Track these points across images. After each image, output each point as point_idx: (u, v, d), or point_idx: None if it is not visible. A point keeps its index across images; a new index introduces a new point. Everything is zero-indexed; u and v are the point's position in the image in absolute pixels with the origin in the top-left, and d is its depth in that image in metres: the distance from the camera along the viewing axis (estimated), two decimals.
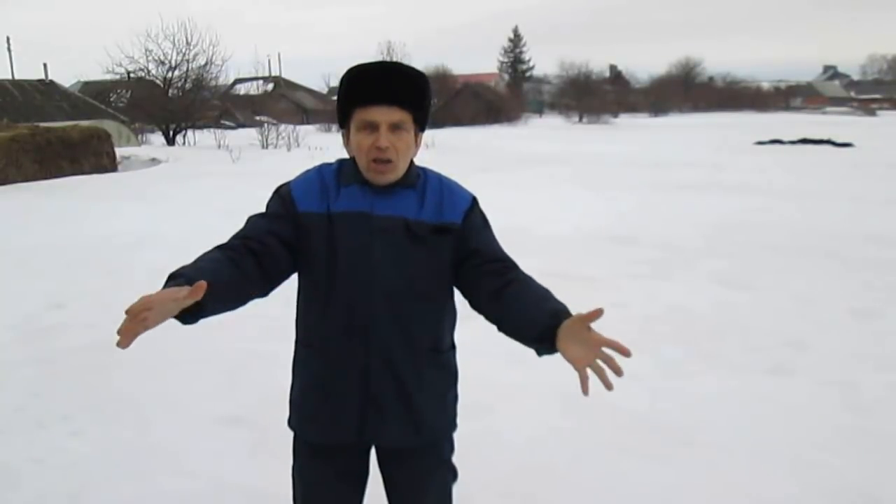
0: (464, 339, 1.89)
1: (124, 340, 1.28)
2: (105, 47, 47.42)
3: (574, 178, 13.47)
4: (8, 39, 40.39)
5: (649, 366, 3.90)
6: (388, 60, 1.85)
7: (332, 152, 12.82)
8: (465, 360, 1.87)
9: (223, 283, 1.46)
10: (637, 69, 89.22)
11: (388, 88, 1.58)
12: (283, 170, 4.33)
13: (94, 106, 28.94)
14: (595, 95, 47.90)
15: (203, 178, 13.59)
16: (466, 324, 1.93)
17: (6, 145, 13.40)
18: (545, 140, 26.22)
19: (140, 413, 3.48)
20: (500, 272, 1.61)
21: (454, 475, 1.87)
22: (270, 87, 55.73)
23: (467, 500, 2.24)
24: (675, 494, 2.74)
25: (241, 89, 51.76)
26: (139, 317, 1.27)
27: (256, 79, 53.58)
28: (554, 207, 9.87)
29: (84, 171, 14.73)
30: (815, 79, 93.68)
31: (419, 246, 1.63)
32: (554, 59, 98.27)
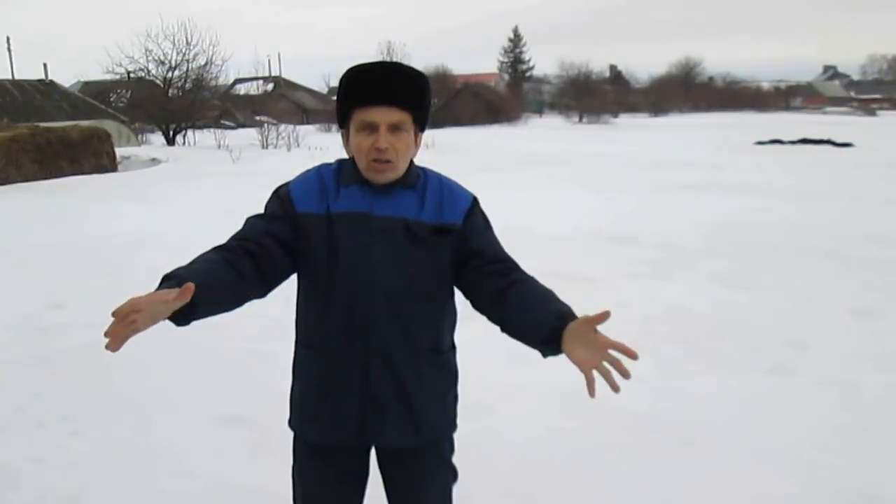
0: (464, 339, 1.89)
1: (114, 343, 1.27)
2: (105, 47, 47.49)
3: (574, 178, 13.47)
4: (8, 39, 40.47)
5: (649, 366, 3.89)
6: (388, 60, 1.84)
7: (332, 152, 12.81)
8: (465, 360, 1.86)
9: (218, 285, 1.46)
10: (637, 69, 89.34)
11: (387, 89, 1.57)
12: (283, 170, 4.33)
13: (94, 106, 28.95)
14: (595, 95, 47.90)
15: (203, 178, 13.59)
16: (466, 324, 1.93)
17: (6, 145, 13.40)
18: (545, 140, 26.22)
19: (140, 413, 3.48)
20: (503, 273, 1.60)
21: (454, 475, 1.87)
22: (270, 87, 55.75)
23: (467, 500, 2.24)
24: (675, 494, 2.74)
25: (241, 89, 51.80)
26: (127, 319, 1.26)
27: (256, 79, 53.63)
28: (554, 207, 9.86)
29: (84, 171, 14.73)
30: (815, 79, 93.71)
31: (419, 246, 1.62)
32: (554, 59, 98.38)
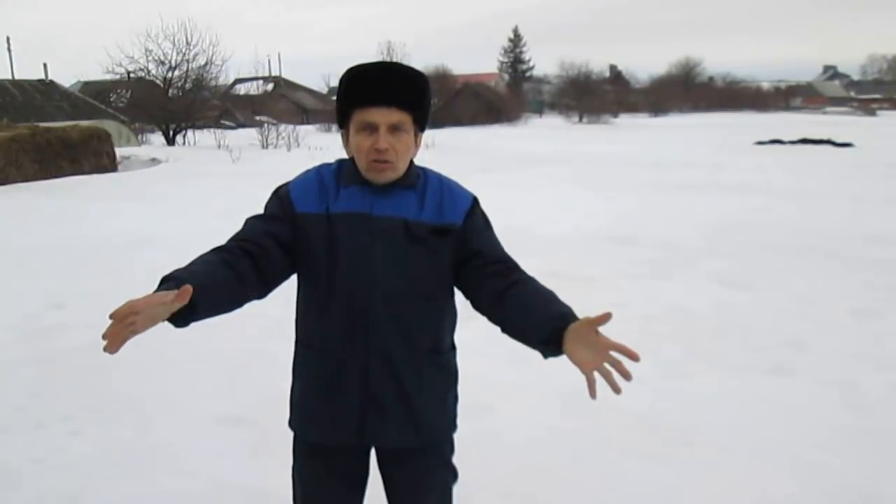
0: (464, 339, 1.89)
1: (112, 345, 1.27)
2: (105, 47, 47.45)
3: (574, 178, 13.47)
4: (8, 39, 40.43)
5: (649, 366, 3.85)
6: (388, 61, 1.84)
7: (331, 152, 12.81)
8: (465, 360, 1.86)
9: (217, 286, 1.46)
10: (637, 69, 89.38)
11: (387, 89, 1.57)
12: (282, 170, 4.33)
13: (94, 106, 28.94)
14: (595, 95, 47.91)
15: (203, 178, 13.58)
16: (466, 324, 1.93)
17: (6, 145, 13.40)
18: (545, 140, 26.21)
19: (140, 413, 3.48)
20: (504, 273, 1.60)
21: (454, 475, 1.87)
22: (270, 87, 55.74)
23: (467, 500, 2.24)
24: (675, 494, 2.74)
25: (241, 89, 51.80)
26: (125, 321, 1.26)
27: (256, 79, 53.62)
28: (554, 207, 9.86)
29: (84, 171, 14.72)
30: (815, 79, 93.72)
31: (419, 246, 1.62)
32: (554, 59, 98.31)
